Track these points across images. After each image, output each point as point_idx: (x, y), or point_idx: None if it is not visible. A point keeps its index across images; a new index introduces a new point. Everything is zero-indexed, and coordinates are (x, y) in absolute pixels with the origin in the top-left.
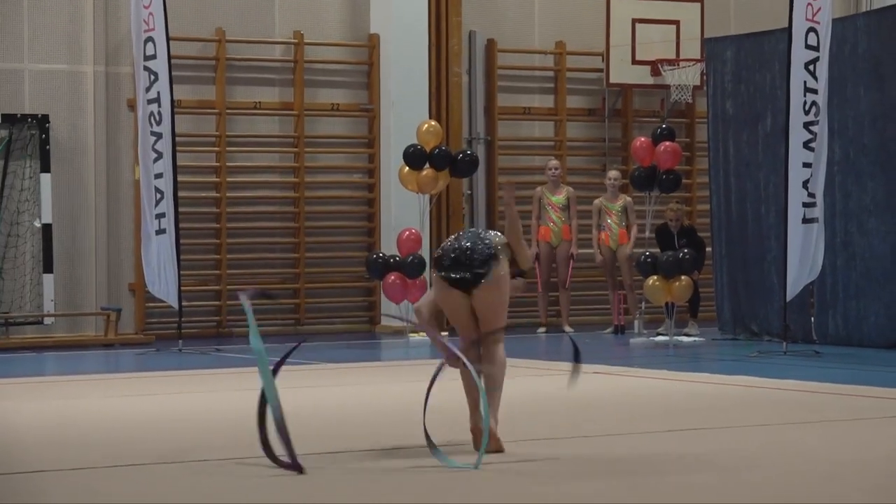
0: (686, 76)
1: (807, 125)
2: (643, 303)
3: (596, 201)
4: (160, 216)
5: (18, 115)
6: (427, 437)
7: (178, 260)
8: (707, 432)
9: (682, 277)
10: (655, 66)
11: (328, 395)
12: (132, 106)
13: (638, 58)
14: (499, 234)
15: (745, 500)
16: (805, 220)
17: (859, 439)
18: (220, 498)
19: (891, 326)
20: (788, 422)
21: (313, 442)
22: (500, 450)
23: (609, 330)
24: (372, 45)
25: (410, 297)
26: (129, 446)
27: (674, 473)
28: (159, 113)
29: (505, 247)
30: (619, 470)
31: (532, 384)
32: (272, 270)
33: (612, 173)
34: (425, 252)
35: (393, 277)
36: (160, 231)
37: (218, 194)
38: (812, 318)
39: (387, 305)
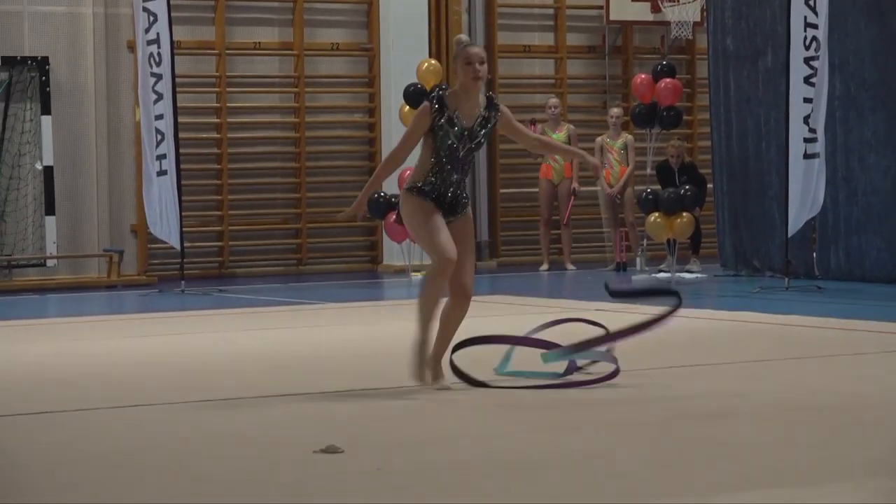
0: (686, 12)
1: (807, 60)
2: (645, 239)
3: (598, 139)
4: (161, 157)
5: (18, 58)
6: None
7: (180, 201)
8: (707, 368)
9: (684, 214)
10: (655, 3)
11: (329, 334)
12: (132, 47)
13: None
14: None
15: (742, 438)
16: (806, 156)
17: (860, 373)
18: (223, 438)
19: (892, 261)
20: (790, 357)
21: (312, 381)
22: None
23: (611, 267)
24: None
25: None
26: (132, 387)
27: (671, 410)
28: (159, 54)
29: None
30: (618, 408)
31: (532, 321)
32: (273, 210)
33: (615, 111)
34: None
35: (394, 217)
36: (161, 172)
37: (218, 135)
38: (814, 254)
39: (388, 245)
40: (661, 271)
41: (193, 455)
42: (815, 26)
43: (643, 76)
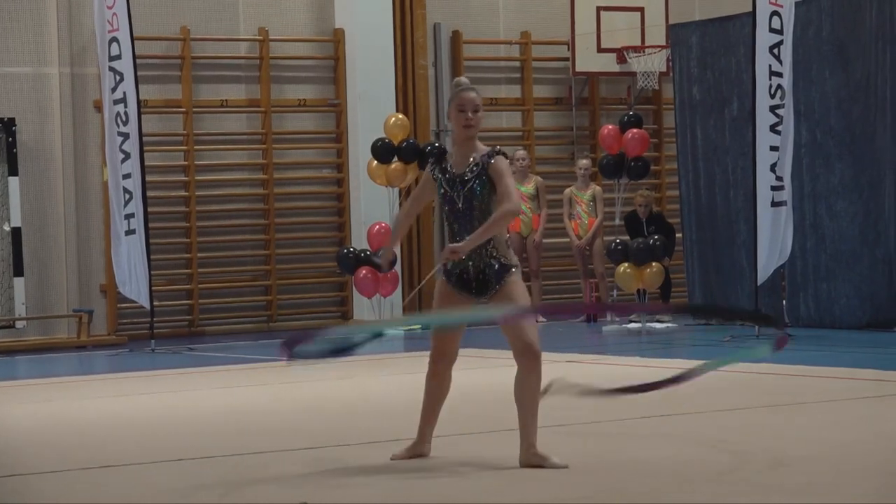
0: (652, 63)
1: (773, 108)
2: (615, 290)
3: (566, 190)
4: (129, 216)
5: None
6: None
7: (149, 260)
8: (678, 418)
9: (653, 264)
10: (621, 54)
11: (305, 390)
12: (99, 107)
13: (603, 46)
14: None
15: (712, 482)
16: (774, 204)
17: (833, 420)
18: (199, 497)
19: (861, 307)
20: (762, 405)
21: (283, 439)
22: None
23: (581, 318)
24: (337, 39)
25: (382, 291)
26: (105, 448)
27: (641, 459)
28: (126, 113)
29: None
30: (592, 459)
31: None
32: (243, 268)
33: (583, 162)
34: (396, 245)
35: (364, 272)
36: (130, 231)
37: (187, 193)
38: (783, 301)
39: (358, 300)
40: (631, 321)
41: None
42: (779, 74)
43: (610, 127)
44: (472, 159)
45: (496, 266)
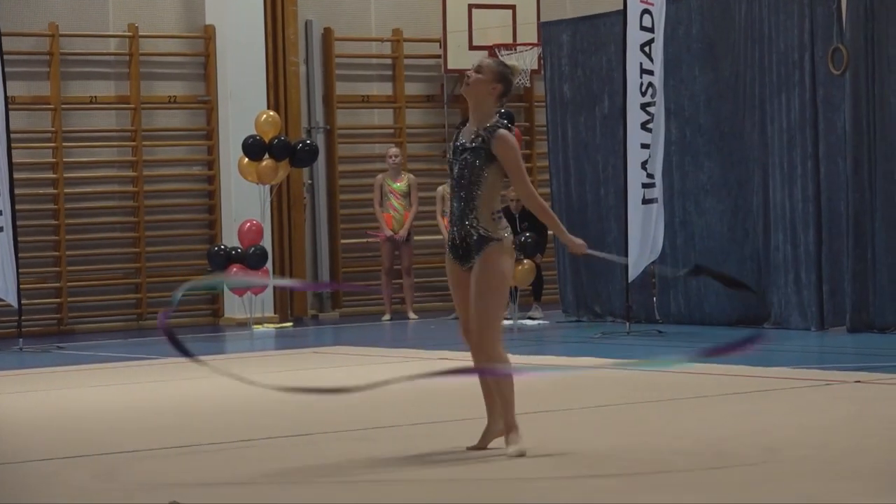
0: (523, 60)
1: (644, 106)
2: None
3: (439, 188)
4: None
5: None
6: None
7: (17, 258)
8: (546, 415)
9: (525, 261)
10: (493, 51)
11: (173, 389)
12: None
13: (475, 43)
14: None
15: (585, 476)
16: (644, 201)
17: (705, 416)
18: (59, 497)
19: (730, 304)
20: (636, 401)
21: (154, 437)
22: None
23: (454, 315)
24: (207, 36)
25: (252, 290)
26: None
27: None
28: None
29: None
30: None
31: (376, 371)
32: (113, 266)
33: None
34: (266, 243)
35: (235, 269)
36: None
37: (56, 190)
38: (654, 298)
39: (230, 298)
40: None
41: None
42: (650, 72)
43: None
44: (476, 129)
45: (475, 236)
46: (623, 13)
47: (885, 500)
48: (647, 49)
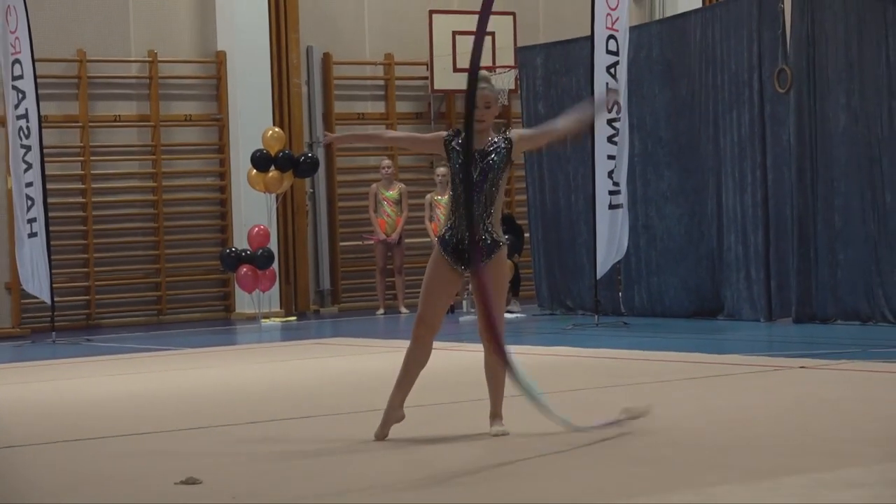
0: (502, 81)
1: (610, 122)
2: (470, 284)
3: (427, 196)
4: (32, 221)
5: None
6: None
7: (50, 260)
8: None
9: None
10: None
11: (188, 377)
12: (3, 122)
13: (458, 66)
14: None
15: (559, 453)
16: (611, 207)
17: (666, 399)
18: (86, 476)
19: (688, 298)
20: (600, 386)
21: (172, 420)
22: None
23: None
24: (219, 61)
25: (261, 287)
26: (10, 431)
27: (480, 437)
28: (28, 127)
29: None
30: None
31: (373, 361)
32: (136, 266)
33: (441, 170)
34: (273, 246)
35: (245, 269)
36: (32, 234)
37: (84, 200)
38: (620, 293)
39: (240, 295)
40: None
41: (68, 489)
42: (615, 91)
43: None
44: (491, 138)
45: (489, 241)
46: (591, 39)
47: (827, 471)
48: (612, 70)
